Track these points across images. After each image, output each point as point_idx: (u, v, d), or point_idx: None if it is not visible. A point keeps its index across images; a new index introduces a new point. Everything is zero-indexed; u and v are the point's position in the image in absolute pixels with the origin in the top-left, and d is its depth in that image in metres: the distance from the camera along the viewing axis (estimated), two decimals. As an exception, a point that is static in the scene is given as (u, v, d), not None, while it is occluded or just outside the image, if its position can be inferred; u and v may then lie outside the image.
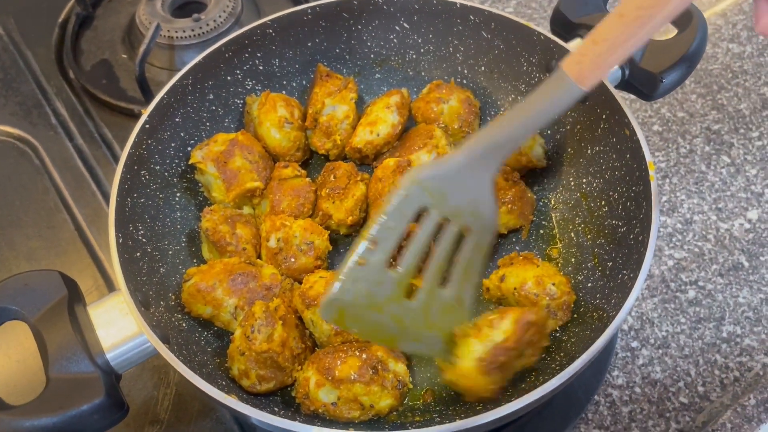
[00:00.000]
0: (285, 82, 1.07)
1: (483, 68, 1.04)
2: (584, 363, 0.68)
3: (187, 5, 1.30)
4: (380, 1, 1.02)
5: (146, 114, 0.89)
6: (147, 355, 0.73)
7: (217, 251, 0.90)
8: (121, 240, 0.80)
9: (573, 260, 0.92)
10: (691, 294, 0.99)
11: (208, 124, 1.00)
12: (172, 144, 0.95)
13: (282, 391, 0.83)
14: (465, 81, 1.06)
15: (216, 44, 0.97)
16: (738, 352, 0.94)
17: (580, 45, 0.72)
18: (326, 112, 0.99)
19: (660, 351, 0.94)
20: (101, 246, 1.04)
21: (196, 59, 0.95)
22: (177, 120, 0.95)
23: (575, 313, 0.84)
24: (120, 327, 0.72)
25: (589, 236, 0.91)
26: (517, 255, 0.89)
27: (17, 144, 1.16)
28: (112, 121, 1.18)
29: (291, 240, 0.89)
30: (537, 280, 0.83)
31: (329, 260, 0.94)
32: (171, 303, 0.85)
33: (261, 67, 1.03)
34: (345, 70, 1.08)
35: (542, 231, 0.97)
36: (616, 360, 0.93)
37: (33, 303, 0.72)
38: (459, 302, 0.80)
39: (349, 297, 0.76)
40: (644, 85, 0.83)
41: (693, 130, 1.16)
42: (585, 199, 0.94)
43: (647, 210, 0.79)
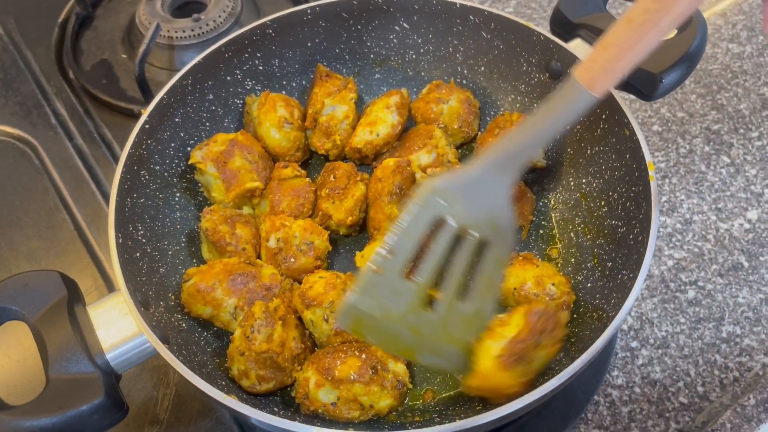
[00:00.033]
0: (285, 82, 1.07)
1: (483, 68, 1.04)
2: (584, 363, 0.68)
3: (187, 5, 1.30)
4: (380, 1, 1.02)
5: (146, 114, 0.89)
6: (147, 356, 0.73)
7: (217, 251, 0.90)
8: (121, 240, 0.80)
9: (573, 260, 0.92)
10: (691, 294, 0.99)
11: (208, 124, 1.00)
12: (172, 144, 0.96)
13: (282, 392, 0.83)
14: (465, 81, 1.06)
15: (216, 44, 0.97)
16: (737, 352, 0.94)
17: (590, 52, 0.72)
18: (326, 112, 0.99)
19: (660, 351, 0.94)
20: (101, 246, 1.04)
21: (196, 59, 0.95)
22: (177, 120, 0.95)
23: (575, 313, 0.84)
24: (120, 327, 0.73)
25: (589, 236, 0.91)
26: (517, 255, 0.89)
27: (17, 144, 1.16)
28: (112, 121, 1.18)
29: (291, 240, 0.89)
30: (537, 281, 0.84)
31: (329, 260, 0.94)
32: (171, 303, 0.85)
33: (261, 67, 1.03)
34: (345, 70, 1.08)
35: (542, 231, 0.97)
36: (616, 360, 0.93)
37: (33, 303, 0.72)
38: (479, 316, 0.79)
39: (366, 306, 0.75)
40: (644, 85, 0.83)
41: (693, 130, 1.16)
42: (585, 199, 0.94)
43: (647, 210, 0.79)
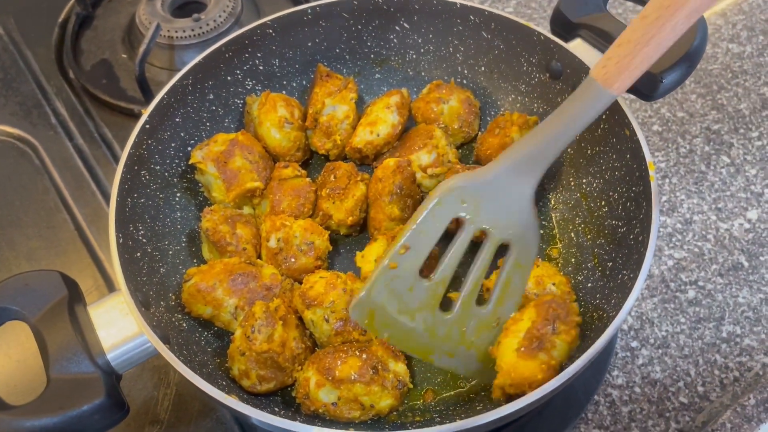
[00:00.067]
0: (285, 82, 1.07)
1: (483, 68, 1.04)
2: (584, 363, 0.68)
3: (187, 5, 1.30)
4: (380, 1, 1.02)
5: (146, 114, 0.89)
6: (147, 356, 0.73)
7: (218, 251, 0.90)
8: (122, 240, 0.80)
9: (573, 260, 0.92)
10: (691, 294, 0.99)
11: (208, 124, 1.00)
12: (173, 144, 0.96)
13: (282, 392, 0.83)
14: (465, 81, 1.06)
15: (216, 44, 0.97)
16: (738, 352, 0.94)
17: (607, 50, 0.72)
18: (326, 112, 0.99)
19: (660, 351, 0.94)
20: (101, 246, 1.04)
21: (196, 59, 0.95)
22: (177, 120, 0.95)
23: (575, 313, 0.85)
24: (120, 327, 0.73)
25: (589, 236, 0.91)
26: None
27: (17, 144, 1.16)
28: (112, 121, 1.18)
29: (291, 240, 0.89)
30: (537, 280, 0.83)
31: (329, 260, 0.94)
32: (171, 303, 0.85)
33: (261, 67, 1.03)
34: (345, 70, 1.08)
35: (542, 231, 0.97)
36: (616, 360, 0.93)
37: (33, 303, 0.72)
38: (498, 323, 0.78)
39: (379, 299, 0.75)
40: (644, 85, 0.83)
41: (693, 130, 1.16)
42: (585, 199, 0.94)
43: (647, 210, 0.79)
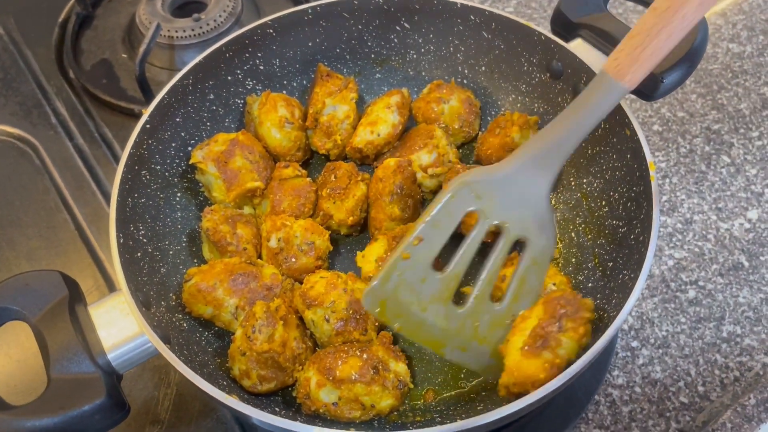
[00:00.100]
0: (285, 82, 1.07)
1: (483, 68, 1.04)
2: (584, 363, 0.68)
3: (187, 5, 1.30)
4: (381, 1, 1.02)
5: (147, 114, 0.89)
6: (148, 356, 0.73)
7: (218, 251, 0.90)
8: (122, 240, 0.80)
9: (573, 260, 0.92)
10: (692, 294, 0.99)
11: (209, 124, 1.00)
12: (173, 144, 0.95)
13: (283, 392, 0.83)
14: (465, 81, 1.06)
15: (216, 44, 0.97)
16: (738, 352, 0.94)
17: (619, 43, 0.73)
18: (327, 112, 0.99)
19: (660, 351, 0.94)
20: (102, 246, 1.04)
21: (197, 59, 0.95)
22: (177, 120, 0.95)
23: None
24: (121, 327, 0.73)
25: (590, 236, 0.91)
26: (518, 255, 0.89)
27: (17, 144, 1.16)
28: (113, 121, 1.18)
29: (292, 240, 0.88)
30: (538, 280, 0.83)
31: (330, 260, 0.94)
32: (172, 303, 0.85)
33: (261, 67, 1.03)
34: (345, 70, 1.08)
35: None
36: (617, 360, 0.93)
37: (34, 303, 0.72)
38: (512, 320, 0.78)
39: (391, 288, 0.76)
40: (645, 85, 0.83)
41: (693, 130, 1.16)
42: (585, 199, 0.94)
43: (648, 210, 0.79)
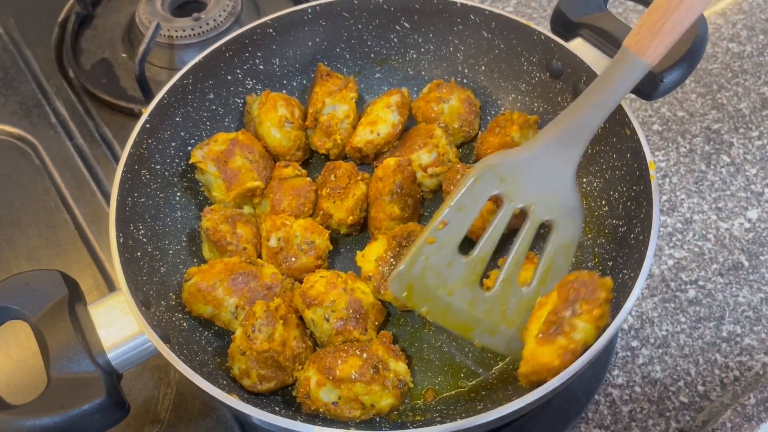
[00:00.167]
0: (285, 82, 1.07)
1: (483, 67, 1.04)
2: (584, 362, 0.68)
3: (187, 4, 1.30)
4: (380, 1, 1.02)
5: (147, 113, 0.89)
6: (148, 355, 0.73)
7: (218, 251, 0.90)
8: (122, 239, 0.80)
9: (573, 260, 0.91)
10: (691, 293, 0.99)
11: (209, 124, 1.00)
12: (173, 143, 0.95)
13: (283, 391, 0.83)
14: (465, 80, 1.06)
15: (216, 44, 0.97)
16: (738, 352, 0.94)
17: (639, 19, 0.73)
18: (326, 112, 0.99)
19: (660, 350, 0.94)
20: (101, 246, 1.04)
21: (197, 59, 0.95)
22: (177, 119, 0.95)
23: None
24: (121, 326, 0.73)
25: (590, 236, 0.91)
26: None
27: (17, 143, 1.16)
28: (112, 121, 1.18)
29: (291, 239, 0.88)
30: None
31: (330, 260, 0.94)
32: (171, 302, 0.85)
33: (261, 67, 1.03)
34: (345, 70, 1.08)
35: (543, 230, 0.96)
36: (616, 359, 0.93)
37: (34, 302, 0.72)
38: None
39: (417, 272, 0.76)
40: (644, 85, 0.83)
41: (693, 130, 1.16)
42: (585, 199, 0.94)
43: (648, 209, 0.79)
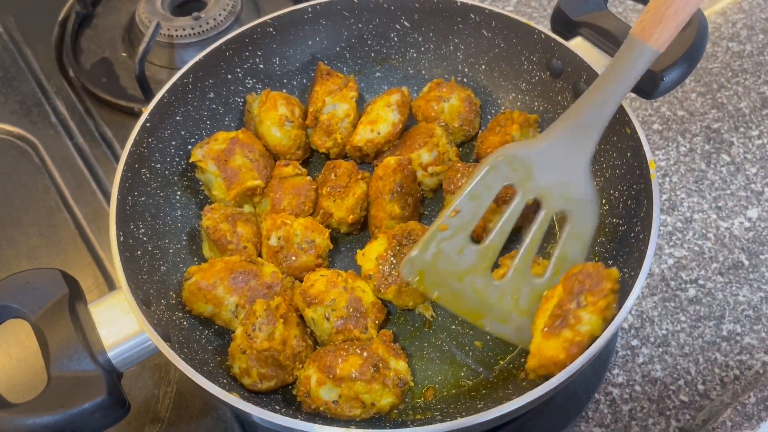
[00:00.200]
0: (285, 81, 1.07)
1: (483, 67, 1.04)
2: (585, 361, 0.68)
3: (187, 4, 1.30)
4: (380, 0, 1.02)
5: (147, 112, 0.89)
6: (148, 354, 0.73)
7: (218, 249, 0.90)
8: (122, 238, 0.80)
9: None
10: (692, 292, 0.99)
11: (209, 123, 1.00)
12: (173, 142, 0.95)
13: (283, 390, 0.83)
14: (465, 79, 1.06)
15: (216, 43, 0.97)
16: (738, 351, 0.94)
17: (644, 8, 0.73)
18: (327, 111, 0.99)
19: (660, 349, 0.94)
20: (102, 244, 1.04)
21: (197, 58, 0.95)
22: (177, 118, 0.95)
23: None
24: (121, 325, 0.73)
25: (590, 235, 0.91)
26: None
27: (17, 143, 1.16)
28: (112, 120, 1.18)
29: (292, 238, 0.89)
30: (538, 279, 0.83)
31: (330, 259, 0.94)
32: (172, 301, 0.85)
33: (261, 66, 1.03)
34: (345, 69, 1.08)
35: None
36: (617, 358, 0.93)
37: (34, 301, 0.72)
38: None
39: (429, 257, 0.77)
40: (645, 84, 0.83)
41: (693, 129, 1.16)
42: (585, 198, 0.94)
43: (648, 208, 0.79)
